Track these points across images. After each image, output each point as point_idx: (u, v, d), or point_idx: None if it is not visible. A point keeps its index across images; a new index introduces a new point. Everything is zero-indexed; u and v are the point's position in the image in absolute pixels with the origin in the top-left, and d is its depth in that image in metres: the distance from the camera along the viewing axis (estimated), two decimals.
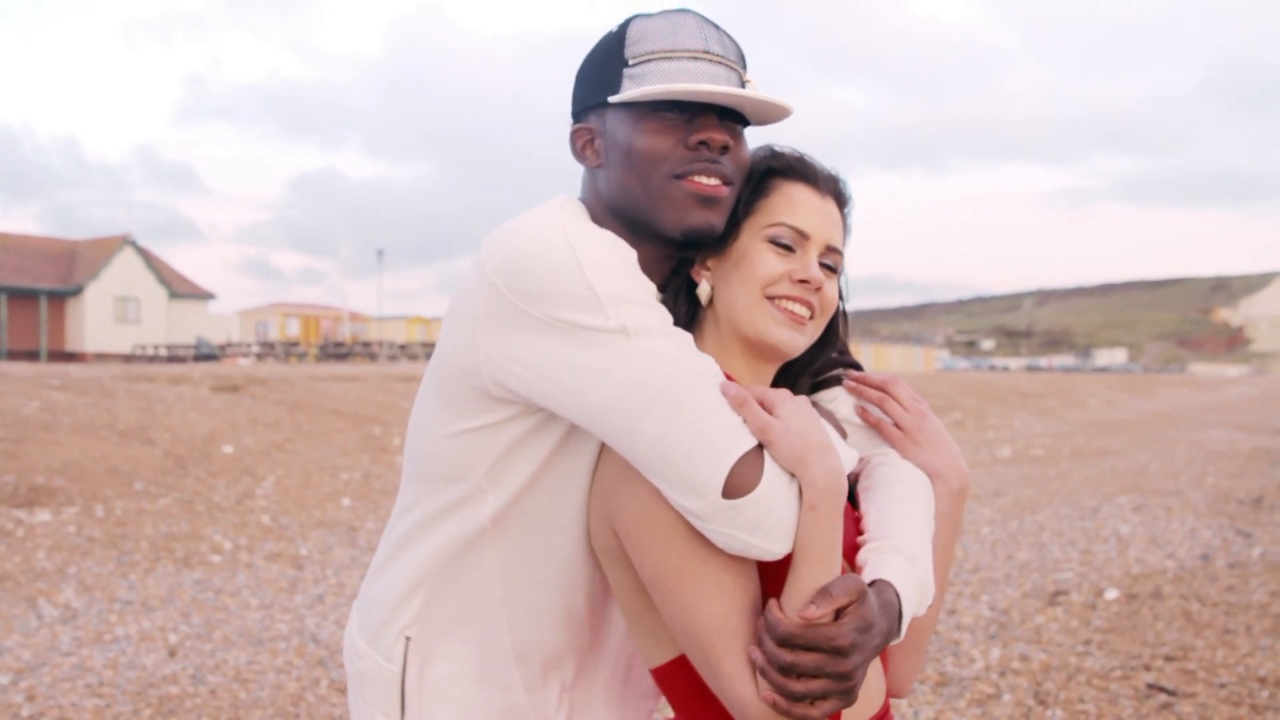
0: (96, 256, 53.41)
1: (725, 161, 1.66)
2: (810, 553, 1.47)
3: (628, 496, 1.56)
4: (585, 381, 1.51)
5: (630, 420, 1.49)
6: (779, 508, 1.46)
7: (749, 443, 1.47)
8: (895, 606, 1.53)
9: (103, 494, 10.48)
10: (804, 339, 1.69)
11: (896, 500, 1.69)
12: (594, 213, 1.72)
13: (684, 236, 1.65)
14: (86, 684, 5.90)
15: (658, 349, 1.51)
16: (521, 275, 1.53)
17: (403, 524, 1.79)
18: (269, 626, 7.16)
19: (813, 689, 1.42)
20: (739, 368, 1.71)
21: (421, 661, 1.77)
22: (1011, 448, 20.82)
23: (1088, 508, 12.29)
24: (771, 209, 1.70)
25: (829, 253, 1.71)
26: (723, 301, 1.70)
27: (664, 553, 1.53)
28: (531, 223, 1.59)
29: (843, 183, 1.77)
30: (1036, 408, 34.12)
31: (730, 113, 1.69)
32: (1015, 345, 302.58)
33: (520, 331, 1.54)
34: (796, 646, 1.42)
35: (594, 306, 1.51)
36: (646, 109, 1.65)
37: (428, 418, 1.72)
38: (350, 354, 44.12)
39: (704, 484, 1.45)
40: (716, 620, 1.50)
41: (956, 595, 7.92)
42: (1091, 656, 6.29)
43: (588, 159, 1.75)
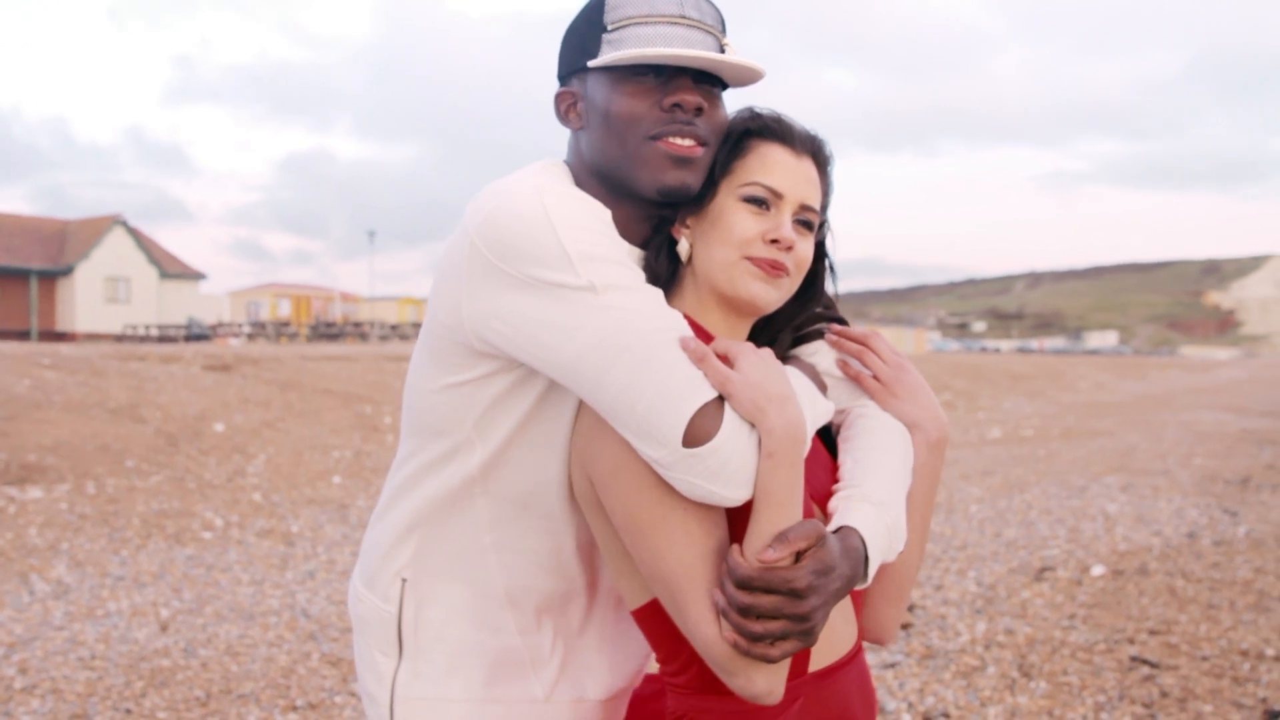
0: (87, 236, 53.28)
1: (700, 123, 1.70)
2: (769, 499, 1.51)
3: (600, 447, 1.61)
4: (556, 336, 1.56)
5: (597, 373, 1.55)
6: (738, 455, 1.51)
7: (709, 394, 1.53)
8: (860, 552, 1.57)
9: (94, 471, 10.52)
10: (778, 294, 1.72)
11: (872, 450, 1.73)
12: (577, 174, 1.78)
13: (660, 196, 1.70)
14: (78, 657, 5.94)
15: (625, 305, 1.56)
16: (499, 235, 1.59)
17: (400, 474, 1.85)
18: (260, 601, 7.19)
19: (772, 630, 1.46)
20: (716, 322, 1.75)
21: (417, 603, 1.83)
22: (1001, 429, 20.89)
23: (1076, 487, 12.35)
24: (747, 169, 1.73)
25: (804, 211, 1.74)
26: (700, 259, 1.74)
27: (634, 501, 1.58)
28: (511, 185, 1.64)
29: (822, 143, 1.80)
30: (1027, 389, 34.20)
31: (707, 76, 1.73)
32: (1006, 327, 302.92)
33: (499, 289, 1.59)
34: (755, 589, 1.47)
35: (565, 265, 1.56)
36: (624, 73, 1.70)
37: (420, 372, 1.78)
38: (342, 334, 44.12)
39: (665, 433, 1.50)
40: (683, 565, 1.55)
41: (944, 571, 7.98)
42: (1076, 630, 6.34)
43: (571, 122, 1.80)
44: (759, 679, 1.51)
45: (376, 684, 1.86)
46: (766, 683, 1.52)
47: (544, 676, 1.85)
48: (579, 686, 1.89)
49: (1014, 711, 5.09)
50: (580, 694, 1.89)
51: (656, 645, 1.72)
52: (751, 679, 1.51)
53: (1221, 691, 5.29)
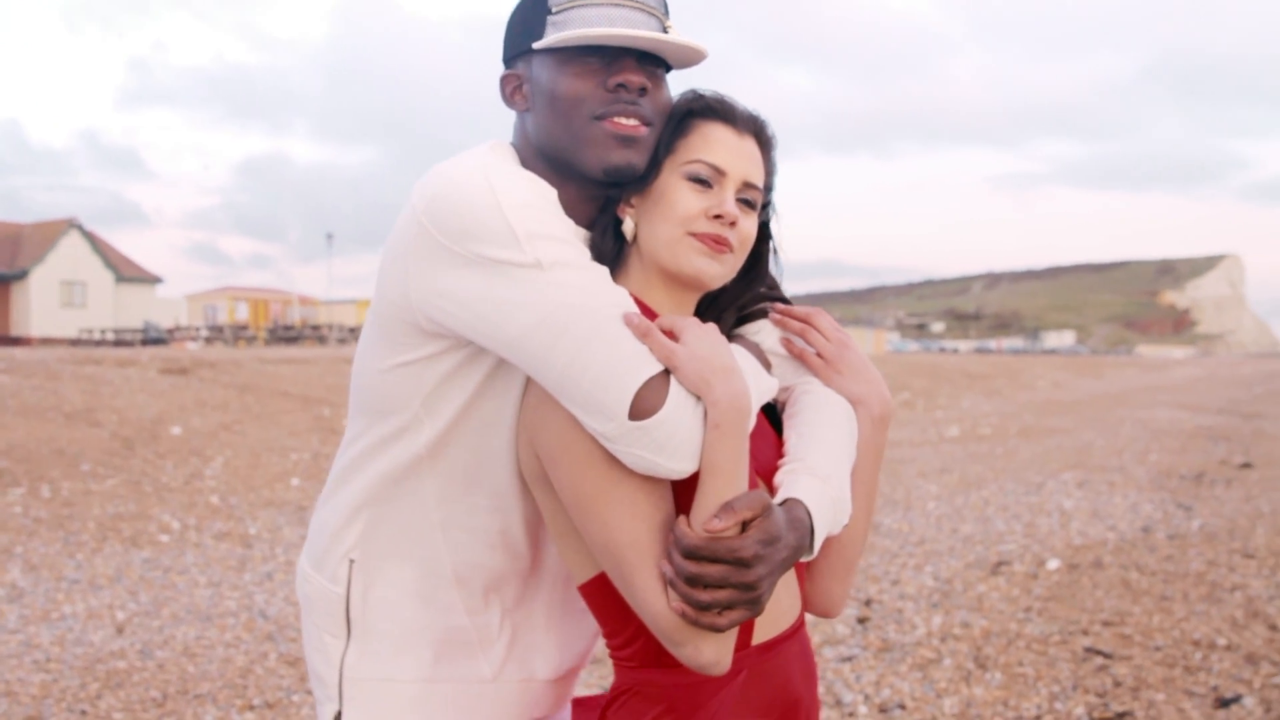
0: (41, 240, 52.77)
1: (644, 103, 1.72)
2: (715, 470, 1.54)
3: (547, 423, 1.63)
4: (503, 313, 1.58)
5: (544, 349, 1.56)
6: (683, 428, 1.53)
7: (654, 368, 1.55)
8: (806, 523, 1.59)
9: (49, 475, 10.43)
10: (722, 269, 1.74)
11: (816, 425, 1.76)
12: (523, 156, 1.79)
13: (605, 175, 1.72)
14: (34, 660, 5.90)
15: (570, 282, 1.58)
16: (445, 214, 1.60)
17: (347, 455, 1.86)
18: (217, 603, 7.16)
19: (719, 599, 1.48)
20: (661, 300, 1.77)
21: (365, 583, 1.84)
22: (960, 427, 21.00)
23: (1033, 483, 12.45)
24: (690, 147, 1.75)
25: (747, 189, 1.76)
26: (645, 237, 1.75)
27: (580, 475, 1.59)
28: (457, 165, 1.66)
29: (764, 123, 1.82)
30: (985, 388, 34.40)
31: (651, 57, 1.75)
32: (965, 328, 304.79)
33: (445, 267, 1.61)
34: (702, 558, 1.48)
35: (511, 242, 1.57)
36: (568, 54, 1.72)
37: (368, 353, 1.79)
38: (300, 337, 43.90)
39: (612, 407, 1.53)
40: (629, 538, 1.57)
41: (901, 566, 8.02)
42: (1031, 623, 6.40)
43: (516, 104, 1.82)
44: (706, 649, 1.53)
45: (325, 665, 1.86)
46: (714, 652, 1.54)
47: (492, 656, 1.86)
48: (526, 666, 1.90)
49: (969, 702, 5.13)
50: (528, 674, 1.90)
51: (603, 620, 1.74)
52: (699, 649, 1.53)
53: (1174, 680, 5.35)
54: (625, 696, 1.73)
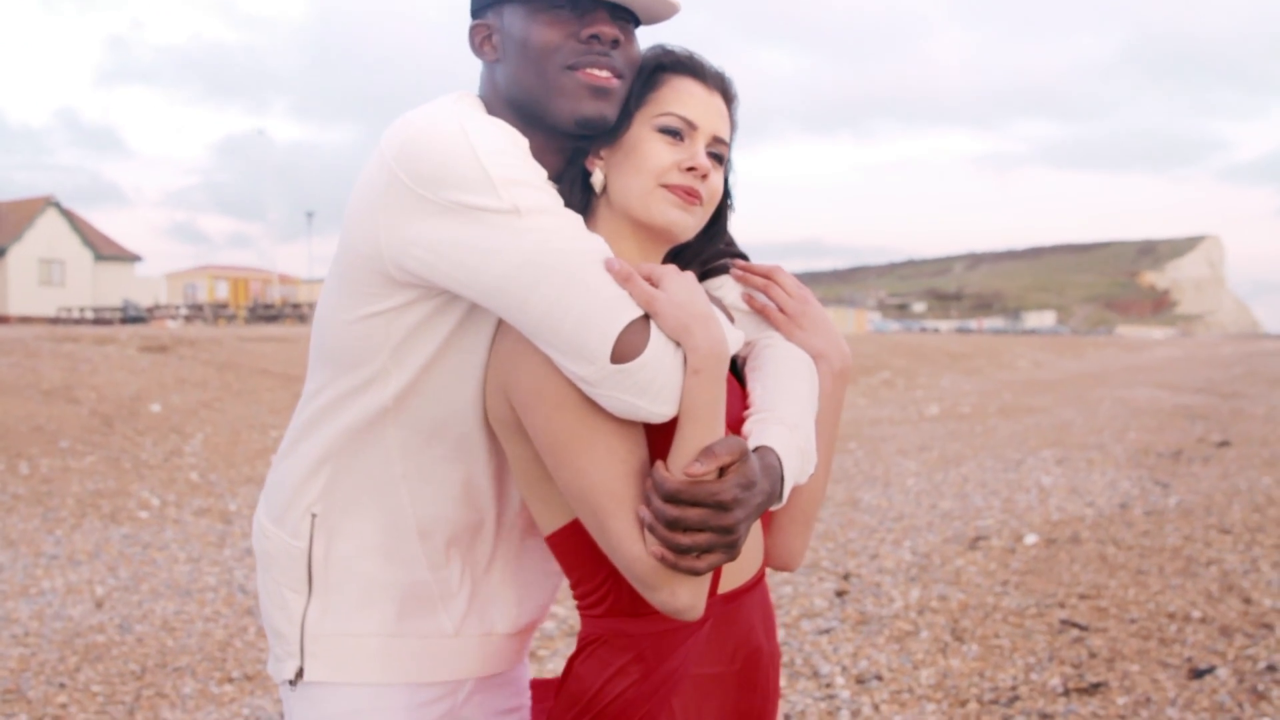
0: (19, 218, 52.46)
1: (616, 55, 1.73)
2: (695, 414, 1.55)
3: (522, 368, 1.64)
4: (480, 259, 1.57)
5: (523, 294, 1.56)
6: (664, 372, 1.55)
7: (635, 312, 1.56)
8: (777, 470, 1.60)
9: (27, 452, 10.40)
10: (693, 221, 1.76)
11: (780, 377, 1.77)
12: (491, 107, 1.79)
13: (577, 126, 1.72)
14: (11, 634, 5.89)
15: (548, 227, 1.58)
16: (418, 161, 1.59)
17: (309, 409, 1.84)
18: (197, 579, 7.16)
19: (698, 542, 1.50)
20: (630, 251, 1.78)
21: (327, 538, 1.82)
22: (940, 406, 21.06)
23: (1011, 461, 12.50)
24: (661, 100, 1.76)
25: (716, 143, 1.78)
26: (616, 189, 1.76)
27: (556, 420, 1.60)
28: (428, 113, 1.65)
29: (729, 80, 1.84)
30: (965, 368, 34.51)
31: (622, 11, 1.76)
32: (946, 308, 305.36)
33: (419, 216, 1.60)
34: (682, 502, 1.50)
35: (487, 188, 1.57)
36: (540, 4, 1.72)
37: (333, 304, 1.77)
38: (280, 316, 43.74)
39: (593, 350, 1.53)
40: (606, 483, 1.58)
41: (880, 541, 8.06)
42: (1008, 596, 6.43)
43: (485, 54, 1.81)
44: (683, 593, 1.55)
45: (286, 621, 1.85)
46: (690, 596, 1.56)
47: (453, 610, 1.86)
48: (486, 620, 1.90)
49: (946, 673, 5.16)
50: (488, 628, 1.90)
51: (571, 569, 1.75)
52: (675, 593, 1.55)
53: (1149, 652, 5.39)
54: (593, 646, 1.74)
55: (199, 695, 5.05)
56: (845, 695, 4.93)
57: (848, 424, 17.07)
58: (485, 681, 1.94)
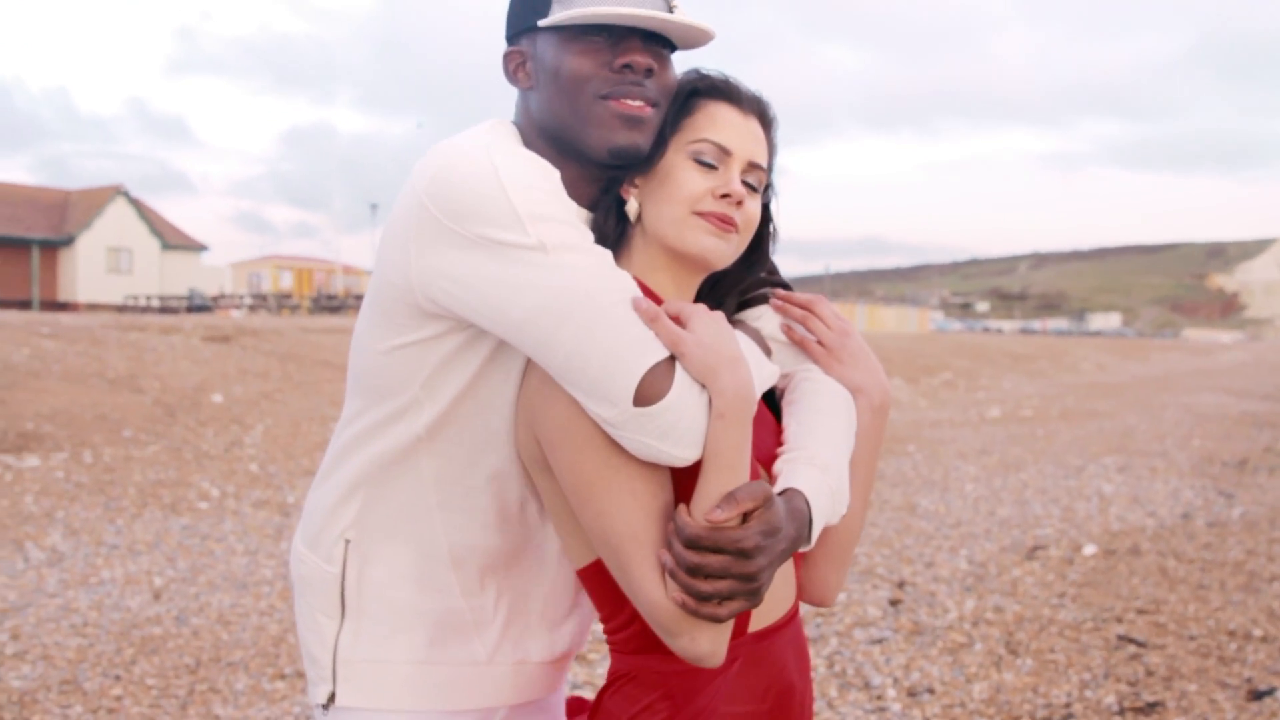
0: (89, 207, 53.21)
1: (650, 84, 1.70)
2: (718, 459, 1.52)
3: (549, 406, 1.62)
4: (506, 295, 1.56)
5: (548, 332, 1.55)
6: (688, 415, 1.52)
7: (660, 353, 1.53)
8: (805, 514, 1.58)
9: (91, 440, 10.54)
10: (728, 249, 1.73)
11: (815, 413, 1.74)
12: (526, 135, 1.77)
13: (610, 156, 1.70)
14: (71, 624, 5.97)
15: (575, 265, 1.56)
16: (448, 194, 1.58)
17: (345, 434, 1.84)
18: (254, 571, 7.22)
19: (719, 589, 1.48)
20: (664, 282, 1.76)
21: (360, 563, 1.82)
22: (1001, 408, 20.89)
23: (1072, 467, 12.37)
24: (695, 127, 1.74)
25: (751, 169, 1.75)
26: (650, 217, 1.74)
27: (581, 460, 1.58)
28: (459, 145, 1.64)
29: (767, 104, 1.81)
30: (1028, 369, 34.22)
31: (656, 37, 1.73)
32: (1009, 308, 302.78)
33: (448, 248, 1.59)
34: (703, 548, 1.48)
35: (515, 224, 1.56)
36: (574, 32, 1.70)
37: (367, 333, 1.77)
38: (343, 306, 44.05)
39: (617, 392, 1.51)
40: (628, 526, 1.56)
41: (936, 549, 7.99)
42: (1065, 609, 6.36)
43: (520, 81, 1.80)
44: (703, 640, 1.52)
45: (319, 646, 1.85)
46: (710, 643, 1.53)
47: (486, 638, 1.85)
48: (521, 648, 1.89)
49: (999, 688, 5.11)
50: (523, 656, 1.89)
51: (600, 605, 1.74)
52: (695, 640, 1.52)
53: (1207, 671, 5.30)
54: (621, 682, 1.72)
55: (251, 691, 5.09)
56: (896, 709, 4.89)
57: (907, 425, 16.97)
58: (519, 709, 1.92)
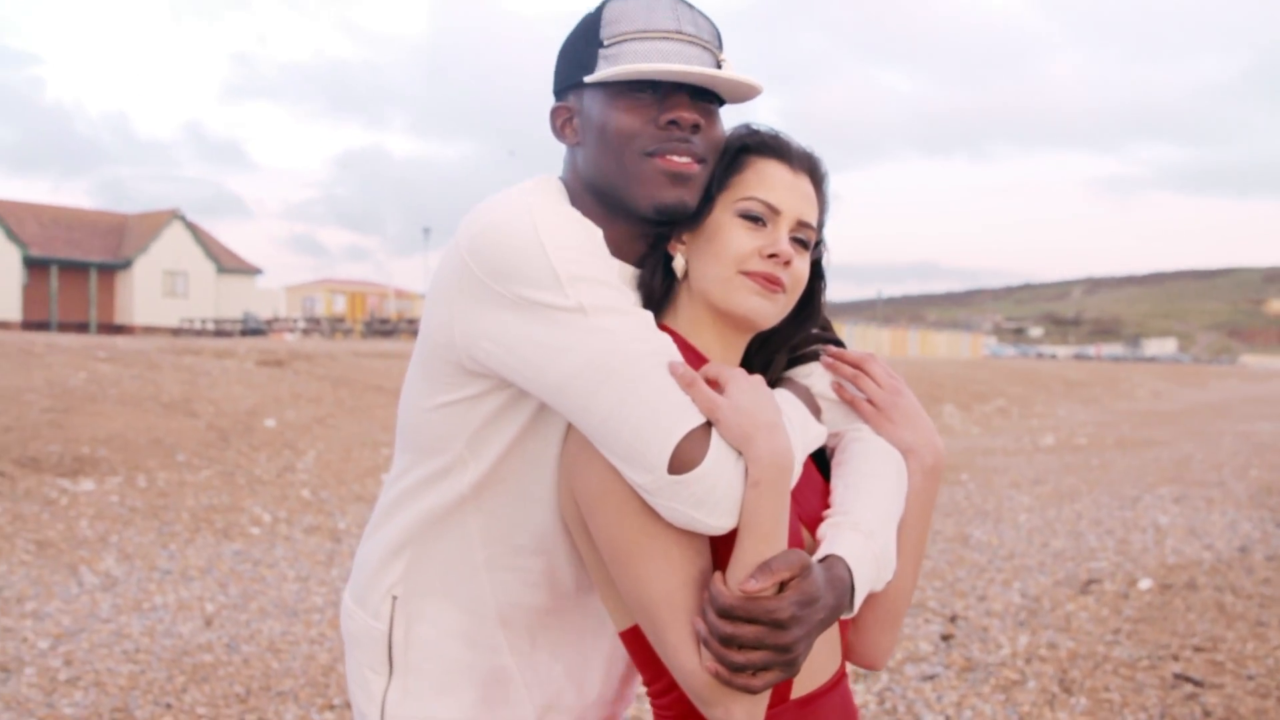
0: (146, 231, 53.91)
1: (697, 140, 1.69)
2: (754, 528, 1.50)
3: (586, 470, 1.61)
4: (544, 357, 1.56)
5: (584, 396, 1.54)
6: (723, 483, 1.50)
7: (696, 420, 1.52)
8: (846, 582, 1.56)
9: (146, 465, 10.63)
10: (775, 309, 1.71)
11: (864, 476, 1.72)
12: (572, 191, 1.77)
13: (656, 213, 1.69)
14: (123, 650, 6.01)
15: (614, 328, 1.55)
16: (489, 254, 1.59)
17: (393, 490, 1.85)
18: (304, 598, 7.25)
19: (754, 660, 1.46)
20: (710, 340, 1.74)
21: (408, 620, 1.82)
22: (1055, 436, 20.70)
23: (1128, 497, 12.22)
24: (744, 184, 1.72)
25: (801, 228, 1.73)
26: (696, 275, 1.73)
27: (617, 526, 1.57)
28: (502, 203, 1.64)
29: (818, 160, 1.79)
30: (1082, 396, 33.90)
31: (704, 92, 1.72)
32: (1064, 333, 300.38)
33: (489, 308, 1.59)
34: (737, 618, 1.46)
35: (554, 285, 1.55)
36: (620, 88, 1.70)
37: (413, 390, 1.77)
38: (395, 331, 44.30)
39: (651, 459, 1.50)
40: (664, 592, 1.54)
41: (989, 582, 7.91)
42: (1120, 646, 6.27)
43: (566, 137, 1.79)
44: (738, 710, 1.51)
45: (367, 702, 1.85)
46: (745, 714, 1.51)
47: (535, 697, 1.84)
48: (569, 708, 1.88)
49: None
50: (572, 714, 1.88)
51: (642, 668, 1.72)
52: (730, 710, 1.51)
53: (1267, 712, 5.21)
54: None
55: None
56: None
57: (960, 453, 16.85)
58: None
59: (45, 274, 50.70)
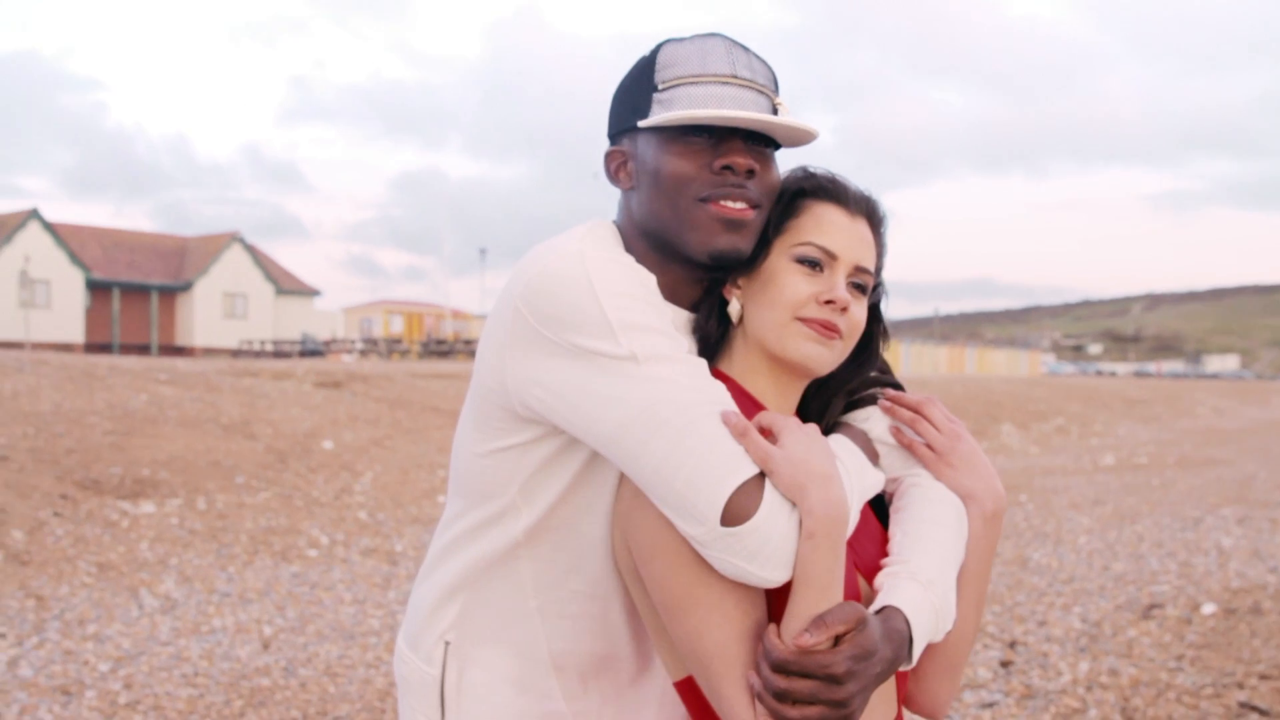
0: (206, 253, 54.60)
1: (752, 185, 1.67)
2: (808, 580, 1.48)
3: (639, 520, 1.59)
4: (596, 406, 1.55)
5: (637, 445, 1.52)
6: (777, 536, 1.48)
7: (749, 471, 1.49)
8: (904, 634, 1.53)
9: (205, 487, 10.72)
10: (831, 356, 1.69)
11: (923, 523, 1.69)
12: (626, 235, 1.76)
13: (711, 260, 1.68)
14: (182, 674, 6.05)
15: (666, 376, 1.54)
16: (541, 301, 1.58)
17: (445, 535, 1.84)
18: (361, 621, 7.28)
19: (808, 715, 1.43)
20: (766, 386, 1.73)
21: (460, 666, 1.81)
22: (1115, 455, 20.48)
23: (1190, 519, 12.06)
24: (801, 229, 1.70)
25: (858, 273, 1.71)
26: (752, 320, 1.71)
27: (671, 576, 1.55)
28: (555, 249, 1.63)
29: (876, 203, 1.77)
30: (1143, 415, 33.52)
31: (760, 136, 1.71)
32: (1123, 350, 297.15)
33: (541, 355, 1.59)
34: (791, 673, 1.44)
35: (607, 333, 1.54)
36: (674, 133, 1.68)
37: (466, 435, 1.77)
38: (452, 351, 44.52)
39: (703, 511, 1.47)
40: (718, 645, 1.52)
41: (1049, 606, 7.82)
42: (1183, 673, 6.18)
43: (621, 181, 1.78)
44: None
45: None
46: None
47: None
48: None
49: None
50: None
51: (696, 718, 1.70)
52: None
53: None
54: None
55: None
56: None
57: (1018, 474, 16.70)
58: None
59: (108, 297, 51.45)
